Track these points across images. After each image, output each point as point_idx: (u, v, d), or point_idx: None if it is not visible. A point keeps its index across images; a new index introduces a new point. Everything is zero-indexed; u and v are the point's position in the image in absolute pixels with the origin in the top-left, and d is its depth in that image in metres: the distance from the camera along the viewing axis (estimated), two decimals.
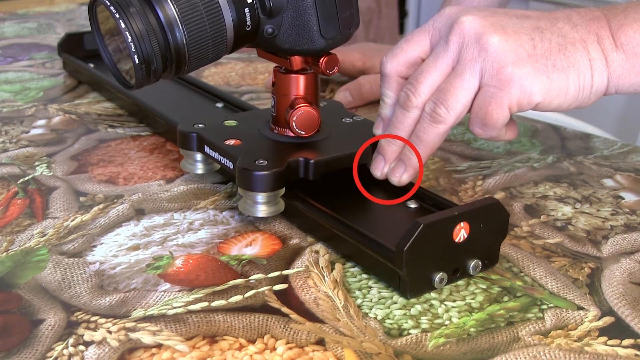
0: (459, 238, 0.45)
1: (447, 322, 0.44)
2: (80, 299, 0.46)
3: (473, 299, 0.46)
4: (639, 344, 0.42)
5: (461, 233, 0.45)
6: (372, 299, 0.46)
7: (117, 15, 0.47)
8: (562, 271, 0.50)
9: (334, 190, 0.55)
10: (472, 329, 0.43)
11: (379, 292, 0.47)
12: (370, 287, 0.47)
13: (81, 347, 0.41)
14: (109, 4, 0.47)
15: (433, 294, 0.47)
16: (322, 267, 0.49)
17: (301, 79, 0.54)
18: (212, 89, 0.76)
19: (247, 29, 0.50)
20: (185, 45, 0.48)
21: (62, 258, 0.50)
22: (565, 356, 0.41)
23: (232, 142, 0.54)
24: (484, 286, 0.48)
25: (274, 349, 0.41)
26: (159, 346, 0.41)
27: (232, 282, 0.48)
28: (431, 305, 0.46)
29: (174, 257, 0.50)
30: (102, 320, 0.44)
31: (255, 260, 0.50)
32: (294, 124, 0.54)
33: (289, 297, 0.46)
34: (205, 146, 0.55)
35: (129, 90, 0.53)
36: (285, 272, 0.49)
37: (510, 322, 0.44)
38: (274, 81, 0.56)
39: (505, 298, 0.46)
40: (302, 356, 0.41)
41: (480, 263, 0.47)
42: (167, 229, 0.54)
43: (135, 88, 0.50)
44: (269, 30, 0.51)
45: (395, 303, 0.46)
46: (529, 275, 0.49)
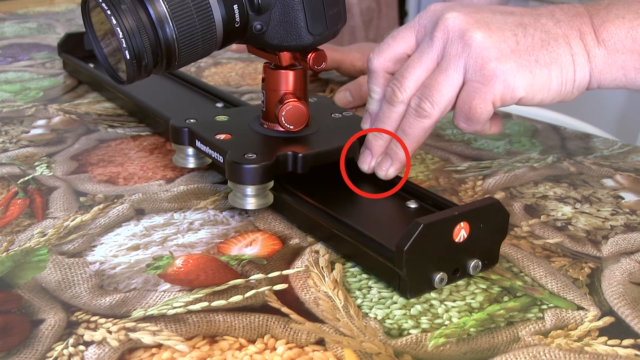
0: (459, 238, 0.45)
1: (447, 322, 0.44)
2: (80, 299, 0.46)
3: (473, 299, 0.46)
4: (639, 344, 0.42)
5: (461, 233, 0.45)
6: (372, 299, 0.46)
7: (109, 12, 0.48)
8: (562, 271, 0.50)
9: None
10: (472, 329, 0.43)
11: (379, 292, 0.47)
12: (370, 287, 0.47)
13: (81, 347, 0.41)
14: (100, 0, 0.48)
15: (433, 294, 0.47)
16: (322, 267, 0.49)
17: (290, 75, 0.55)
18: (212, 89, 0.76)
19: (236, 26, 0.51)
20: (175, 41, 0.49)
21: (62, 258, 0.50)
22: (565, 356, 0.41)
23: (222, 136, 0.55)
24: (484, 286, 0.48)
25: (274, 349, 0.41)
26: (159, 346, 0.41)
27: (232, 282, 0.48)
28: (431, 305, 0.46)
29: (174, 257, 0.50)
30: (102, 320, 0.44)
31: (255, 260, 0.50)
32: (282, 118, 0.55)
33: (289, 297, 0.46)
34: (197, 141, 0.56)
35: (121, 85, 0.54)
36: (285, 272, 0.49)
37: (510, 322, 0.44)
38: (263, 77, 0.57)
39: (505, 298, 0.46)
40: (302, 356, 0.41)
41: (480, 263, 0.47)
42: (167, 229, 0.54)
43: (127, 83, 0.51)
44: (258, 26, 0.52)
45: (395, 303, 0.46)
46: (529, 275, 0.49)
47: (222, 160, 0.53)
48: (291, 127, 0.56)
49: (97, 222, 0.55)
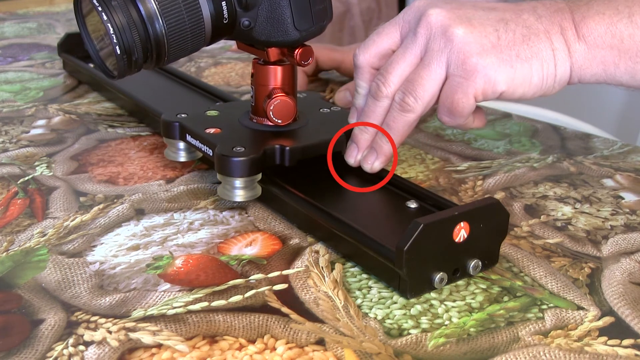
0: (459, 238, 0.45)
1: (447, 322, 0.44)
2: (80, 299, 0.46)
3: (473, 299, 0.46)
4: (639, 344, 0.42)
5: (461, 233, 0.45)
6: (372, 299, 0.46)
7: (100, 8, 0.49)
8: (562, 271, 0.50)
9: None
10: (472, 329, 0.43)
11: (379, 292, 0.47)
12: (370, 287, 0.47)
13: (81, 347, 0.41)
14: None
15: (433, 294, 0.47)
16: (322, 267, 0.49)
17: (278, 70, 0.57)
18: (212, 88, 0.76)
19: (225, 22, 0.53)
20: (165, 37, 0.50)
21: (62, 258, 0.50)
22: (565, 356, 0.41)
23: (212, 130, 0.57)
24: (484, 286, 0.48)
25: (274, 349, 0.41)
26: (159, 346, 0.41)
27: (232, 282, 0.48)
28: (431, 305, 0.46)
29: (174, 257, 0.50)
30: (102, 320, 0.44)
31: (255, 260, 0.50)
32: (271, 113, 0.57)
33: (289, 297, 0.46)
34: (187, 135, 0.57)
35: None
36: (285, 272, 0.49)
37: (510, 322, 0.44)
38: (253, 72, 0.58)
39: (505, 298, 0.46)
40: (302, 356, 0.41)
41: (480, 263, 0.47)
42: (167, 229, 0.54)
43: (118, 78, 0.52)
44: (246, 22, 0.53)
45: (395, 303, 0.46)
46: (529, 275, 0.49)
47: (211, 154, 0.54)
48: (279, 121, 0.57)
49: (97, 222, 0.55)
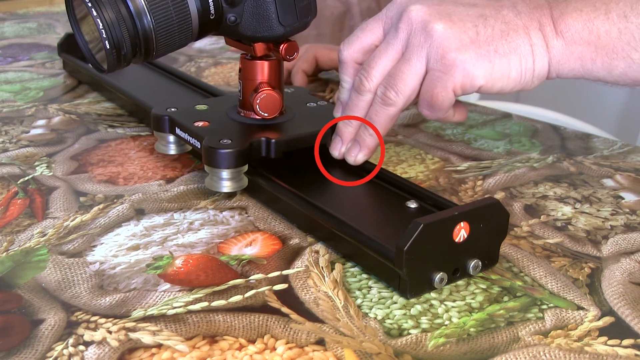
0: (459, 238, 0.45)
1: (447, 322, 0.44)
2: (80, 299, 0.46)
3: (473, 299, 0.46)
4: (639, 344, 0.42)
5: (461, 233, 0.45)
6: (372, 299, 0.46)
7: (90, 5, 0.50)
8: (562, 271, 0.50)
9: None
10: (472, 329, 0.43)
11: (379, 292, 0.47)
12: (370, 287, 0.47)
13: (81, 347, 0.41)
14: None
15: (433, 294, 0.47)
16: (322, 267, 0.49)
17: (265, 65, 0.58)
18: (212, 88, 0.76)
19: (211, 18, 0.54)
20: (153, 32, 0.52)
21: (62, 258, 0.50)
22: (565, 356, 0.41)
23: (200, 124, 0.58)
24: (484, 286, 0.48)
25: (274, 349, 0.41)
26: (159, 346, 0.41)
27: (232, 282, 0.48)
28: (431, 305, 0.46)
29: (174, 257, 0.50)
30: (102, 320, 0.44)
31: (255, 260, 0.50)
32: (257, 106, 0.58)
33: (289, 297, 0.46)
34: (176, 128, 0.59)
35: (102, 74, 0.58)
36: (285, 272, 0.49)
37: (510, 322, 0.44)
38: (240, 67, 0.60)
39: (505, 298, 0.46)
40: (302, 356, 0.41)
41: (480, 263, 0.47)
42: (167, 229, 0.54)
43: (108, 72, 0.54)
44: (232, 18, 0.55)
45: (395, 303, 0.46)
46: (529, 275, 0.49)
47: (199, 146, 0.56)
48: (265, 115, 0.58)
49: (97, 222, 0.55)
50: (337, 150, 0.57)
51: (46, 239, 0.53)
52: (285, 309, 0.45)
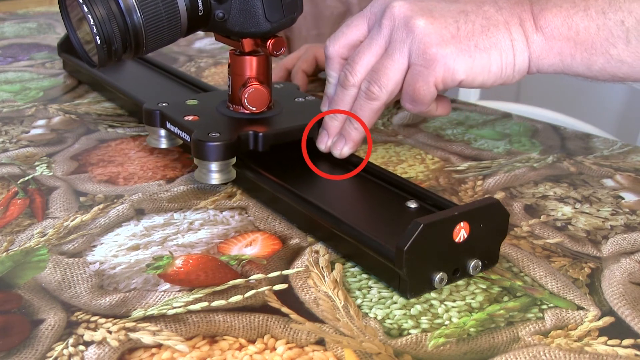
0: (459, 238, 0.45)
1: (447, 322, 0.44)
2: (80, 299, 0.46)
3: (473, 299, 0.46)
4: (639, 344, 0.42)
5: (461, 233, 0.45)
6: (372, 299, 0.46)
7: (81, 1, 0.52)
8: (562, 271, 0.50)
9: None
10: (472, 329, 0.43)
11: (379, 292, 0.47)
12: (370, 287, 0.47)
13: (81, 347, 0.41)
14: None
15: (433, 294, 0.47)
16: (322, 267, 0.49)
17: (253, 61, 0.60)
18: (212, 89, 0.76)
19: (200, 14, 0.55)
20: (143, 28, 0.53)
21: (62, 258, 0.50)
22: (565, 356, 0.41)
23: (190, 118, 0.60)
24: (484, 286, 0.48)
25: (274, 349, 0.41)
26: (159, 346, 0.41)
27: (232, 282, 0.48)
28: (431, 305, 0.46)
29: (174, 257, 0.50)
30: (102, 320, 0.44)
31: (255, 260, 0.50)
32: (245, 100, 0.60)
33: (289, 297, 0.46)
34: (167, 122, 0.60)
35: (93, 69, 0.59)
36: (285, 272, 0.49)
37: (510, 322, 0.44)
38: (229, 63, 0.61)
39: (505, 298, 0.46)
40: (302, 356, 0.41)
41: (480, 263, 0.47)
42: (167, 229, 0.54)
43: (99, 67, 0.55)
44: (220, 14, 0.56)
45: (395, 303, 0.46)
46: (529, 275, 0.49)
47: (189, 139, 0.57)
48: (253, 109, 0.60)
49: (97, 222, 0.55)
50: (323, 143, 0.58)
51: (46, 239, 0.53)
52: (285, 309, 0.45)
